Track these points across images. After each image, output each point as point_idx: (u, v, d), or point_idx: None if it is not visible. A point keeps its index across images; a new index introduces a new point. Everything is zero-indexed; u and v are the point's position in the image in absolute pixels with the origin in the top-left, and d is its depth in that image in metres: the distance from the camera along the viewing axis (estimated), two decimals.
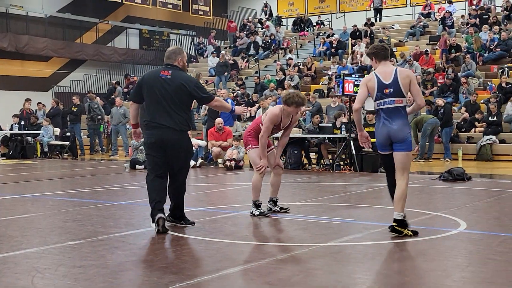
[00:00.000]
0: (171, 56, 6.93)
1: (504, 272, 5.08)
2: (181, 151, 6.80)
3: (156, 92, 6.72)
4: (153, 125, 6.73)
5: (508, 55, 22.63)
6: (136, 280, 4.91)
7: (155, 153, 6.76)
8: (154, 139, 6.71)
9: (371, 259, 5.71)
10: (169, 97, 6.70)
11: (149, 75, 6.97)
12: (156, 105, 6.72)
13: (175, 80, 6.74)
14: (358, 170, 14.24)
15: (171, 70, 6.82)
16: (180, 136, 6.75)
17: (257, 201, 7.95)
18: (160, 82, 6.75)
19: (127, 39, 32.16)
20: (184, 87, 6.73)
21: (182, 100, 6.76)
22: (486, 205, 9.12)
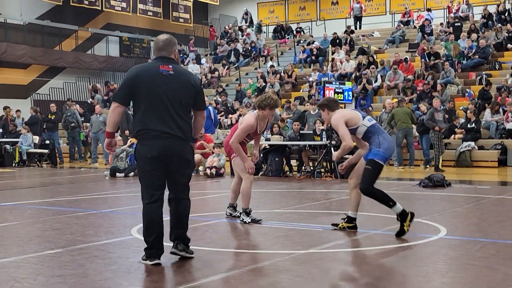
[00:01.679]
0: (166, 47, 5.59)
1: (484, 278, 5.11)
2: (188, 166, 5.64)
3: (158, 92, 5.39)
4: (153, 134, 5.39)
5: (486, 62, 22.87)
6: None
7: (154, 169, 5.45)
8: (157, 152, 5.38)
9: (352, 265, 5.71)
10: (174, 98, 5.43)
11: (144, 70, 5.51)
12: (157, 109, 5.39)
13: (180, 76, 5.52)
14: (339, 177, 14.27)
15: (172, 64, 5.52)
16: (187, 147, 5.57)
17: (247, 209, 7.93)
18: (161, 79, 5.43)
19: (107, 46, 32.03)
20: (192, 86, 5.55)
21: (188, 102, 5.54)
22: (466, 211, 9.18)
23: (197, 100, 5.63)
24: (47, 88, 28.84)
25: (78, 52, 30.50)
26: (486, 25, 25.75)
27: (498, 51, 23.58)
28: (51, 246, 6.49)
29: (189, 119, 5.59)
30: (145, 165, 5.48)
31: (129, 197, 11.59)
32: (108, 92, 28.04)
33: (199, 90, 5.62)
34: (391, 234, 7.13)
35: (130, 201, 10.93)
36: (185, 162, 5.57)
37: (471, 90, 20.95)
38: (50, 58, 28.85)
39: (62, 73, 29.78)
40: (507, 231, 7.38)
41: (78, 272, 5.33)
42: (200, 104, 5.69)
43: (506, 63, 22.41)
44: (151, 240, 5.50)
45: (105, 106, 26.28)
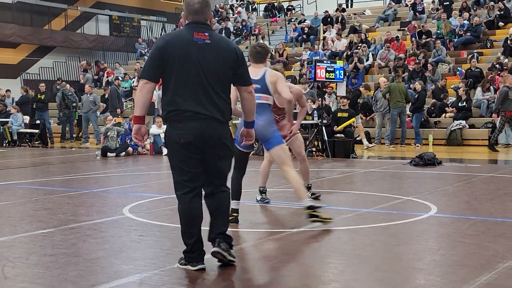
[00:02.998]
0: (203, 10, 4.59)
1: (474, 255, 5.15)
2: (227, 154, 4.74)
3: (192, 66, 4.48)
4: (187, 115, 4.48)
5: (478, 41, 22.85)
6: (108, 268, 4.87)
7: (189, 157, 4.56)
8: (192, 137, 4.49)
9: (344, 243, 5.74)
10: (211, 72, 4.51)
11: (175, 39, 4.56)
12: (191, 86, 4.49)
13: (219, 46, 4.57)
14: (331, 156, 14.31)
15: (208, 31, 4.56)
16: (226, 128, 4.69)
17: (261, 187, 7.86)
18: (196, 49, 4.49)
19: (96, 25, 31.78)
20: (233, 56, 4.59)
21: (228, 77, 4.62)
22: (457, 189, 9.23)
23: (240, 73, 4.65)
24: (37, 68, 28.64)
25: (67, 31, 30.26)
26: (478, 3, 25.69)
27: (489, 29, 23.55)
28: (43, 226, 6.49)
29: (228, 97, 4.66)
30: (178, 153, 4.55)
31: (121, 177, 11.59)
32: (98, 72, 27.89)
33: (241, 60, 4.65)
34: (382, 212, 7.17)
35: (122, 181, 10.95)
36: (223, 149, 4.66)
37: (462, 68, 20.95)
38: (39, 37, 28.62)
39: (52, 52, 29.57)
40: (497, 208, 7.43)
41: (71, 252, 5.34)
42: (243, 77, 4.70)
43: (498, 41, 22.39)
44: (191, 242, 4.65)
45: (95, 86, 26.20)
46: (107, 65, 28.53)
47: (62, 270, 4.74)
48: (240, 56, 4.63)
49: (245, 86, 4.72)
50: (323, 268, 4.95)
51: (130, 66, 28.90)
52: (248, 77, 4.73)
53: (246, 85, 4.72)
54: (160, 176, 11.94)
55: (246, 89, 4.72)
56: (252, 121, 4.92)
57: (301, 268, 4.79)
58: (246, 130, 4.96)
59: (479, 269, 4.64)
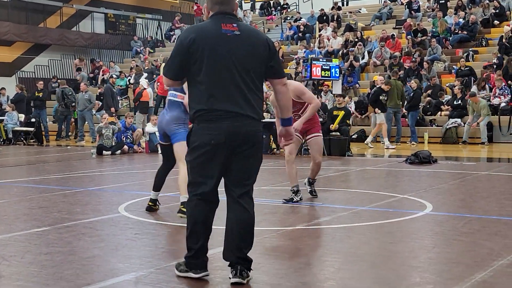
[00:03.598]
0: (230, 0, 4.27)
1: (469, 253, 5.16)
2: (258, 157, 4.33)
3: (222, 60, 4.11)
4: (218, 114, 4.10)
5: (473, 39, 22.88)
6: (104, 266, 4.86)
7: (213, 160, 4.17)
8: (223, 137, 4.10)
9: (340, 241, 5.75)
10: (242, 66, 4.15)
11: (202, 31, 4.17)
12: (221, 82, 4.12)
13: (249, 37, 4.20)
14: (326, 154, 14.30)
15: (236, 22, 4.20)
16: (259, 127, 4.26)
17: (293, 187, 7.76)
18: (225, 42, 4.13)
19: (92, 23, 31.69)
20: (264, 48, 4.23)
21: (261, 70, 4.25)
22: (452, 187, 9.25)
23: (272, 65, 4.27)
24: (32, 66, 28.54)
25: (63, 29, 30.16)
26: (473, 1, 25.71)
27: (485, 27, 23.58)
28: (38, 224, 6.48)
29: (261, 92, 4.29)
30: (202, 154, 4.15)
31: (116, 175, 11.57)
32: (94, 70, 27.83)
33: (273, 52, 4.29)
34: (378, 210, 7.18)
35: (117, 179, 10.93)
36: (256, 151, 4.26)
37: (458, 67, 20.96)
38: (34, 35, 28.52)
39: (47, 50, 29.46)
40: (492, 206, 7.45)
41: (66, 250, 5.33)
42: (276, 70, 4.31)
43: (493, 39, 22.42)
44: (196, 248, 4.31)
45: (90, 84, 26.14)
46: (102, 63, 28.47)
47: (58, 269, 4.73)
48: (271, 47, 4.29)
49: (278, 78, 4.34)
50: (319, 266, 4.95)
51: (125, 64, 28.85)
52: (281, 69, 4.40)
53: (279, 77, 4.34)
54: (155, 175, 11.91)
55: (280, 82, 4.34)
56: (289, 117, 4.45)
57: (297, 266, 4.79)
58: (284, 129, 4.47)
59: (474, 267, 4.65)
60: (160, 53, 29.29)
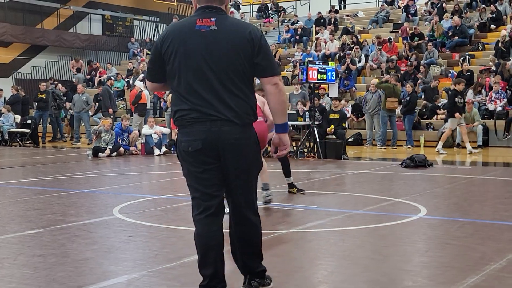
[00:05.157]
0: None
1: (461, 257, 5.17)
2: (248, 164, 3.86)
3: (193, 58, 3.75)
4: (193, 117, 3.74)
5: (469, 43, 22.92)
6: (97, 269, 4.87)
7: (201, 167, 3.77)
8: (200, 143, 3.72)
9: (333, 245, 5.75)
10: (220, 64, 3.74)
11: (175, 29, 3.84)
12: (195, 82, 3.75)
13: (227, 32, 3.76)
14: (322, 157, 14.32)
15: (215, 16, 3.78)
16: (243, 133, 3.78)
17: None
18: (198, 39, 3.75)
19: (89, 24, 31.70)
20: (246, 42, 3.75)
21: (243, 68, 3.78)
22: (446, 191, 9.26)
23: (258, 62, 3.78)
24: (29, 67, 28.55)
25: (60, 30, 30.17)
26: (470, 6, 25.76)
27: (481, 31, 23.62)
28: (32, 226, 6.48)
29: (246, 94, 3.80)
30: (188, 164, 3.79)
31: (111, 177, 11.58)
32: (91, 71, 27.82)
33: (259, 47, 3.77)
34: (372, 214, 7.20)
35: (112, 181, 10.93)
36: (243, 158, 3.80)
37: (454, 70, 21.01)
38: (31, 37, 28.52)
39: (44, 51, 29.47)
40: (486, 211, 7.47)
41: (59, 252, 5.33)
42: (264, 66, 3.79)
43: (490, 44, 22.46)
44: (208, 274, 3.83)
45: (87, 86, 26.14)
46: (99, 65, 28.47)
47: (50, 271, 4.73)
48: (256, 41, 3.75)
49: (266, 77, 3.80)
50: (312, 269, 4.96)
51: (122, 66, 28.85)
52: (270, 66, 3.81)
53: (266, 75, 3.80)
54: (151, 177, 11.94)
55: (268, 81, 3.79)
56: (283, 123, 3.90)
57: (291, 269, 4.80)
58: (277, 137, 3.94)
59: (467, 271, 4.66)
60: None
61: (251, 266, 4.03)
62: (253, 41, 3.75)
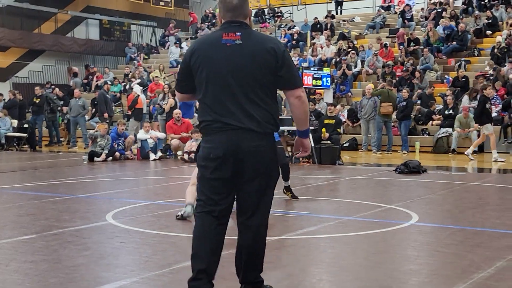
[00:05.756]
0: (242, 6, 4.06)
1: (451, 264, 5.22)
2: (264, 170, 4.00)
3: (219, 71, 3.96)
4: (216, 126, 3.96)
5: (465, 49, 23.01)
6: (88, 275, 4.90)
7: (216, 174, 3.96)
8: (221, 151, 3.92)
9: (323, 251, 5.80)
10: (245, 77, 3.95)
11: (203, 43, 4.09)
12: (220, 93, 3.97)
13: (251, 45, 3.97)
14: (317, 162, 14.37)
15: (240, 30, 4.00)
16: (264, 142, 3.98)
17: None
18: (223, 52, 3.97)
19: (87, 29, 31.74)
20: (269, 56, 3.96)
21: (267, 80, 3.99)
22: (439, 198, 9.31)
23: (281, 75, 3.99)
24: (26, 71, 28.56)
25: (57, 35, 30.18)
26: (466, 11, 25.87)
27: (477, 37, 23.71)
28: (25, 232, 6.51)
29: (268, 104, 4.00)
30: (207, 168, 3.98)
31: (107, 182, 11.61)
32: (88, 76, 27.86)
33: (282, 61, 3.97)
34: (364, 220, 7.24)
35: (108, 186, 10.97)
36: (260, 163, 3.98)
37: (450, 76, 21.09)
38: (29, 41, 28.54)
39: (42, 56, 29.48)
40: (477, 218, 7.51)
41: (51, 258, 5.37)
42: (286, 80, 4.01)
43: (485, 49, 22.55)
44: (196, 268, 4.00)
45: (84, 90, 26.17)
46: (96, 69, 28.50)
47: (42, 277, 4.77)
48: (280, 55, 3.96)
49: (290, 90, 4.03)
50: (301, 276, 4.99)
51: (119, 71, 28.89)
52: (293, 79, 4.03)
53: (290, 88, 4.03)
54: (146, 182, 11.97)
55: (291, 94, 4.03)
56: (305, 130, 4.18)
57: (280, 276, 4.84)
58: (299, 141, 4.24)
59: (454, 279, 4.70)
60: (155, 59, 29.36)
61: (250, 275, 4.15)
62: (277, 55, 3.96)
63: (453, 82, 20.27)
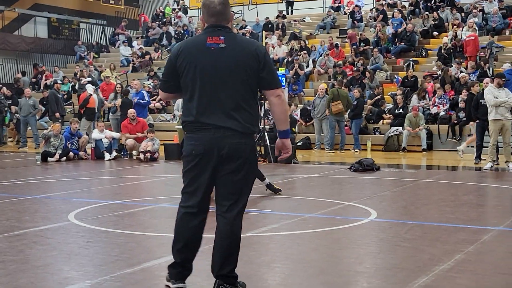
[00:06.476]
0: (224, 11, 4.25)
1: (412, 258, 5.42)
2: (246, 171, 4.24)
3: (204, 73, 4.17)
4: (199, 125, 4.18)
5: (413, 49, 23.55)
6: (58, 274, 4.91)
7: (198, 170, 4.22)
8: (202, 148, 4.15)
9: (288, 248, 5.92)
10: (228, 79, 4.16)
11: (188, 46, 4.27)
12: (204, 94, 4.17)
13: (235, 49, 4.18)
14: (273, 161, 14.52)
15: (224, 34, 4.20)
16: (244, 141, 4.20)
17: None
18: (208, 55, 4.16)
19: (35, 27, 31.18)
20: (252, 58, 4.18)
21: (249, 82, 4.21)
22: (394, 195, 9.56)
23: (263, 76, 4.20)
24: None
25: (4, 33, 29.57)
26: (413, 12, 26.46)
27: (424, 38, 24.30)
28: None
29: (250, 106, 4.22)
30: (189, 164, 4.23)
31: (63, 182, 11.49)
32: (36, 75, 27.39)
33: (263, 63, 4.19)
34: (325, 217, 7.40)
35: (64, 186, 10.86)
36: (241, 165, 4.20)
37: (399, 76, 21.56)
38: None
39: None
40: (432, 213, 7.77)
41: (18, 259, 5.34)
42: (269, 80, 4.23)
43: (432, 50, 23.13)
44: (178, 260, 4.37)
45: (33, 89, 25.71)
46: (45, 68, 28.05)
47: (12, 277, 4.75)
48: (262, 57, 4.19)
49: (270, 89, 4.24)
50: (269, 272, 5.11)
51: (69, 69, 28.51)
52: (274, 80, 4.26)
53: (271, 88, 4.24)
54: (103, 182, 11.91)
55: (272, 93, 4.23)
56: (285, 130, 4.35)
57: (248, 272, 4.93)
58: (280, 141, 4.38)
59: (417, 272, 4.89)
60: (105, 58, 29.06)
61: (224, 269, 4.26)
62: (259, 57, 4.19)
63: (403, 82, 20.74)
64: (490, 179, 11.54)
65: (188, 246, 4.32)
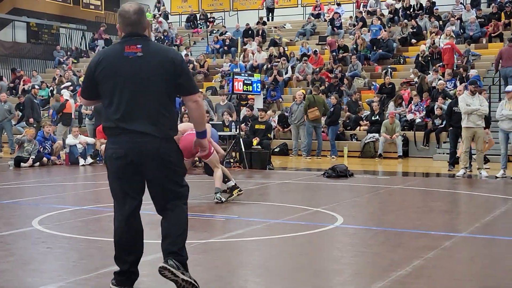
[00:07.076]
0: (140, 20, 4.37)
1: (372, 264, 5.42)
2: (171, 170, 4.37)
3: (122, 81, 4.28)
4: (119, 131, 4.30)
5: (391, 56, 23.68)
6: (13, 281, 4.84)
7: (123, 174, 4.34)
8: (123, 152, 4.28)
9: (250, 254, 5.91)
10: (146, 86, 4.28)
11: (107, 54, 4.40)
12: (124, 102, 4.29)
13: (152, 57, 4.30)
14: (248, 167, 14.51)
15: (141, 43, 4.32)
16: (164, 143, 4.33)
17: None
18: (126, 64, 4.29)
19: (13, 32, 30.99)
20: (169, 66, 4.30)
21: (167, 89, 4.34)
22: (364, 201, 9.58)
23: (180, 82, 4.33)
24: None
25: None
26: (392, 20, 26.61)
27: (403, 45, 24.44)
28: None
29: (169, 111, 4.37)
30: (112, 168, 4.36)
31: (34, 188, 11.39)
32: (14, 79, 27.19)
33: (180, 70, 4.32)
34: (291, 223, 7.39)
35: (34, 192, 10.77)
36: (165, 166, 4.33)
37: (377, 83, 21.65)
38: None
39: None
40: (399, 220, 7.79)
41: None
42: (186, 86, 4.37)
43: (410, 57, 23.26)
44: (122, 268, 4.47)
45: (11, 94, 25.52)
46: (23, 73, 27.86)
47: None
48: (178, 65, 4.32)
49: (187, 95, 4.39)
50: (229, 278, 5.08)
51: (48, 74, 28.35)
52: (190, 86, 4.39)
53: (189, 94, 4.39)
54: (75, 187, 11.82)
55: (189, 99, 4.39)
56: (202, 131, 4.57)
57: (211, 278, 4.90)
58: (198, 141, 4.64)
59: (375, 277, 4.89)
60: (84, 63, 28.90)
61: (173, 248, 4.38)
62: (175, 64, 4.32)
63: (380, 89, 20.84)
64: (462, 186, 11.61)
65: (131, 257, 4.46)
